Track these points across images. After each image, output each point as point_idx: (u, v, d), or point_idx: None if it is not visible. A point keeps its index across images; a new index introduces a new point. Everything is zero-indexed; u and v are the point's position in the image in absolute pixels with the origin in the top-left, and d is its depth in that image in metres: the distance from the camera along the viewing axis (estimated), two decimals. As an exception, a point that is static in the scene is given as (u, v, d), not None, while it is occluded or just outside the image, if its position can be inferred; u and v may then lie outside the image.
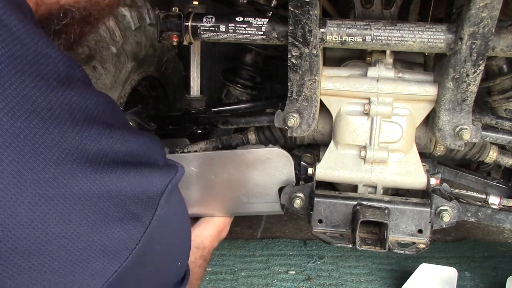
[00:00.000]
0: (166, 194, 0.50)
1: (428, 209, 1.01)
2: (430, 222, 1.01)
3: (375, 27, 0.92)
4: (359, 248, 0.99)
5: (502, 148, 1.18)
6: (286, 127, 1.03)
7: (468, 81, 0.92)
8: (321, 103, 1.04)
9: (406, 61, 1.10)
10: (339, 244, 1.01)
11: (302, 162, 1.11)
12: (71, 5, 0.53)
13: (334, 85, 1.02)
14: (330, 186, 1.15)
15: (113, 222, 0.44)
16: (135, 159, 0.48)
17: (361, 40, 0.92)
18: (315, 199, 1.02)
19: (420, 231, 1.01)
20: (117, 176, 0.45)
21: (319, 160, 1.08)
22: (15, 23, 0.42)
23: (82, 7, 0.53)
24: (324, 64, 1.05)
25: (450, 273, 1.31)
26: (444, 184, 1.08)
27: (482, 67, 0.89)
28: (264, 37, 0.97)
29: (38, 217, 0.39)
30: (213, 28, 0.98)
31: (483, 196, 1.12)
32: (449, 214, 1.01)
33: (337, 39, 0.93)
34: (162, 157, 0.52)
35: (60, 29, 0.54)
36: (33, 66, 0.42)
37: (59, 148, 0.41)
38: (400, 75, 1.03)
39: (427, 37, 0.91)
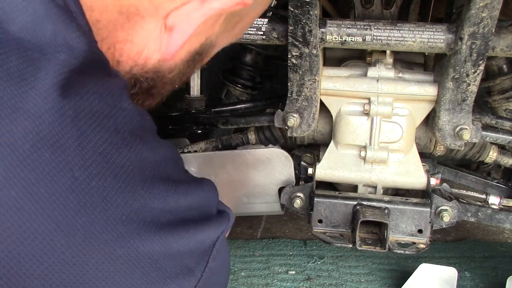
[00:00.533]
0: (217, 245, 0.50)
1: (428, 209, 1.01)
2: (430, 222, 1.01)
3: (375, 27, 0.92)
4: (359, 248, 0.99)
5: (502, 148, 1.18)
6: (286, 127, 1.03)
7: (468, 81, 0.92)
8: (321, 103, 1.04)
9: (406, 61, 1.10)
10: (339, 244, 1.01)
11: (302, 162, 1.11)
12: (141, 75, 0.52)
13: (334, 85, 1.02)
14: (330, 186, 1.15)
15: (169, 278, 0.45)
16: (195, 212, 0.48)
17: (361, 40, 0.92)
18: (315, 199, 1.02)
19: (420, 231, 1.01)
20: (178, 234, 0.45)
21: (319, 160, 1.08)
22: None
23: (150, 77, 0.53)
24: (324, 64, 1.05)
25: (450, 273, 1.31)
26: (444, 184, 1.08)
27: (482, 67, 0.89)
28: (264, 37, 0.97)
29: (103, 275, 0.40)
30: (213, 28, 0.98)
31: (483, 196, 1.12)
32: (449, 214, 1.01)
33: (337, 39, 0.93)
34: (216, 204, 0.53)
35: None
36: (110, 120, 0.42)
37: (128, 208, 0.41)
38: (400, 75, 1.03)
39: (427, 37, 0.91)
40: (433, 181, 1.05)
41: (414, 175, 1.05)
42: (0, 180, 0.35)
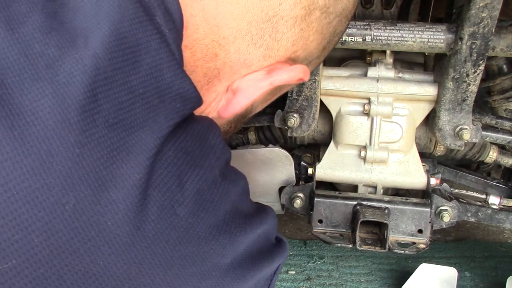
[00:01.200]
0: (276, 275, 0.52)
1: (428, 209, 1.01)
2: (430, 222, 1.01)
3: (375, 27, 0.92)
4: (359, 248, 0.99)
5: (502, 148, 1.18)
6: (286, 127, 1.03)
7: (468, 81, 0.92)
8: (321, 103, 1.04)
9: (406, 61, 1.10)
10: (339, 244, 1.01)
11: (302, 162, 1.11)
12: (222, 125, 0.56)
13: (334, 85, 1.02)
14: (330, 186, 1.15)
15: None
16: (260, 243, 0.50)
17: (361, 40, 0.92)
18: (315, 199, 1.02)
19: (420, 231, 1.01)
20: (250, 269, 0.47)
21: (319, 160, 1.08)
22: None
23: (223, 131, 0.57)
24: (324, 64, 1.05)
25: (450, 273, 1.31)
26: (444, 184, 1.08)
27: (482, 67, 0.89)
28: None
29: None
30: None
31: (483, 196, 1.12)
32: (449, 214, 1.01)
33: (337, 39, 0.93)
34: (276, 232, 0.55)
35: None
36: (202, 159, 0.44)
37: (216, 244, 0.43)
38: (400, 75, 1.03)
39: (427, 37, 0.91)
40: (433, 181, 1.05)
41: (414, 175, 1.05)
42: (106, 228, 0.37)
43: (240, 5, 0.47)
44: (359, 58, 1.11)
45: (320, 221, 1.03)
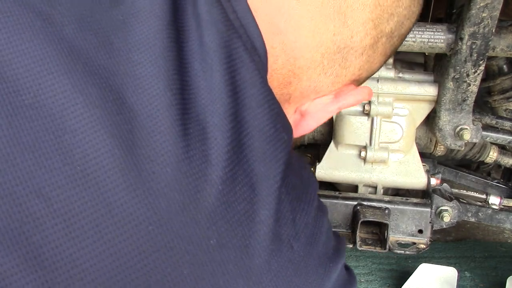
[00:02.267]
0: None
1: (429, 209, 1.01)
2: (430, 222, 1.01)
3: (375, 27, 0.92)
4: (360, 248, 0.99)
5: (502, 148, 1.18)
6: (286, 127, 1.03)
7: (468, 81, 0.92)
8: (321, 103, 1.04)
9: (406, 61, 1.10)
10: (339, 244, 1.01)
11: (302, 162, 1.11)
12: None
13: (334, 85, 1.02)
14: (330, 186, 1.15)
15: None
16: (343, 274, 0.52)
17: (361, 40, 0.92)
18: (315, 199, 1.02)
19: (420, 231, 1.01)
20: None
21: (319, 160, 1.08)
22: None
23: None
24: (324, 64, 1.05)
25: (450, 273, 1.31)
26: (445, 184, 1.08)
27: (482, 67, 0.89)
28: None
29: None
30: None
31: (483, 196, 1.12)
32: (449, 214, 1.01)
33: (337, 39, 0.93)
34: None
35: None
36: (304, 193, 0.46)
37: (316, 274, 0.45)
38: (400, 75, 1.03)
39: (427, 37, 0.91)
40: (434, 181, 1.05)
41: (415, 175, 1.05)
42: None
43: (316, 39, 0.50)
44: (359, 58, 1.11)
45: (320, 221, 1.03)
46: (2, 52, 0.37)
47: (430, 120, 1.04)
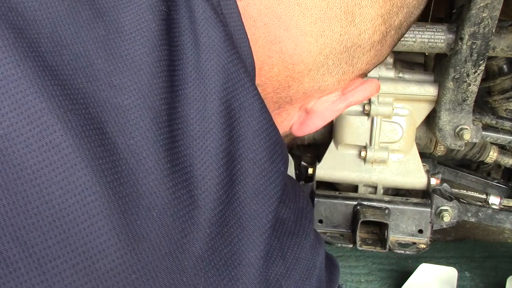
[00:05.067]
0: None
1: (429, 209, 1.01)
2: (430, 222, 1.01)
3: (375, 27, 0.92)
4: (360, 248, 0.99)
5: (502, 148, 1.18)
6: (286, 127, 1.03)
7: (468, 81, 0.92)
8: (321, 103, 1.04)
9: (406, 61, 1.10)
10: (339, 244, 1.01)
11: (302, 162, 1.11)
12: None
13: (334, 85, 1.02)
14: (331, 186, 1.15)
15: None
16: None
17: (361, 40, 0.92)
18: (315, 199, 1.02)
19: (420, 231, 1.01)
20: None
21: (319, 160, 1.08)
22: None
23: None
24: (324, 64, 1.05)
25: (450, 273, 1.31)
26: (445, 184, 1.08)
27: (482, 67, 0.89)
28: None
29: None
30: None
31: (484, 196, 1.12)
32: (449, 214, 1.01)
33: (337, 39, 0.93)
34: None
35: None
36: (297, 227, 0.45)
37: None
38: (401, 75, 1.03)
39: (427, 37, 0.91)
40: (434, 181, 1.05)
41: (415, 175, 1.05)
42: None
43: (319, 42, 0.47)
44: (359, 58, 1.11)
45: (321, 221, 1.03)
46: None
47: (430, 120, 1.04)
